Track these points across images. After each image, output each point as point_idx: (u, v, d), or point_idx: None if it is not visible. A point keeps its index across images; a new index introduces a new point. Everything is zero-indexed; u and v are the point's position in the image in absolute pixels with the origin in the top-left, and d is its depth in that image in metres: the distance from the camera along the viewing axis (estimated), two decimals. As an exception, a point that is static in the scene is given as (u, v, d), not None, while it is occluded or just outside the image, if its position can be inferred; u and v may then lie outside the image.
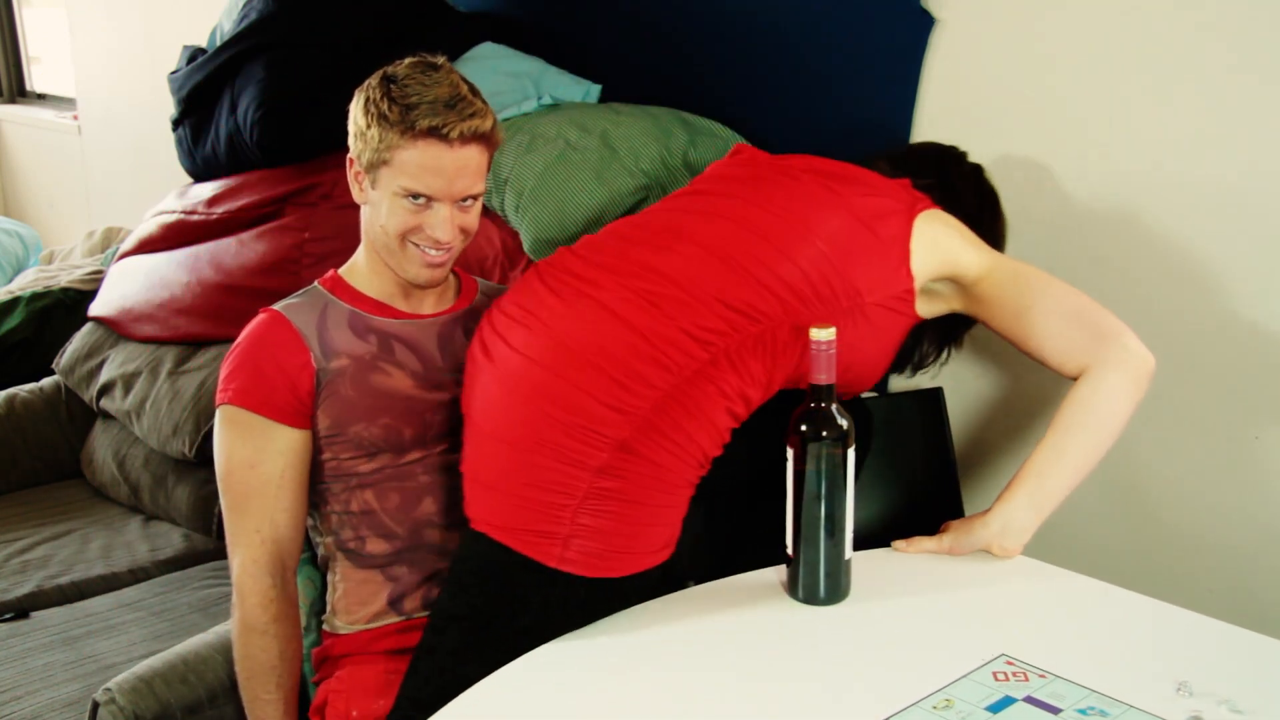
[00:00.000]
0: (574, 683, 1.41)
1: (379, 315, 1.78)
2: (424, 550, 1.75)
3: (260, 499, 1.70)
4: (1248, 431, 1.94)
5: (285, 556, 1.72)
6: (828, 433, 1.47)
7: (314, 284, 1.81)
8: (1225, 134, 1.89)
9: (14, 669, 2.18)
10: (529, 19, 2.89)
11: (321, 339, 1.73)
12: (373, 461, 1.73)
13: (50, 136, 4.91)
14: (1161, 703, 1.31)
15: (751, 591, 1.58)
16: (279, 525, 1.70)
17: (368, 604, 1.75)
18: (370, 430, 1.72)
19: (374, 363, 1.74)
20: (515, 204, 2.40)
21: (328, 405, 1.71)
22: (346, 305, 1.77)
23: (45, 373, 3.18)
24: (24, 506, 2.89)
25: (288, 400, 1.70)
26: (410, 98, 1.65)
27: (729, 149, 2.43)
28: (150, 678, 1.84)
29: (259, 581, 1.69)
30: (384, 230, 1.71)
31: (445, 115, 1.65)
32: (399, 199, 1.68)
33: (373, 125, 1.66)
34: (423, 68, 1.69)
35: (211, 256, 2.80)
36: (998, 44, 2.11)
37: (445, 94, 1.67)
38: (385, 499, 1.74)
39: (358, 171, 1.73)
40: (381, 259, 1.76)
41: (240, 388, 1.70)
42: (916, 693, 1.34)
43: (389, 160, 1.67)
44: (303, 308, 1.76)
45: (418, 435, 1.74)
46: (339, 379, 1.72)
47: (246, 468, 1.70)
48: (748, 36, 2.48)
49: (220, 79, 2.82)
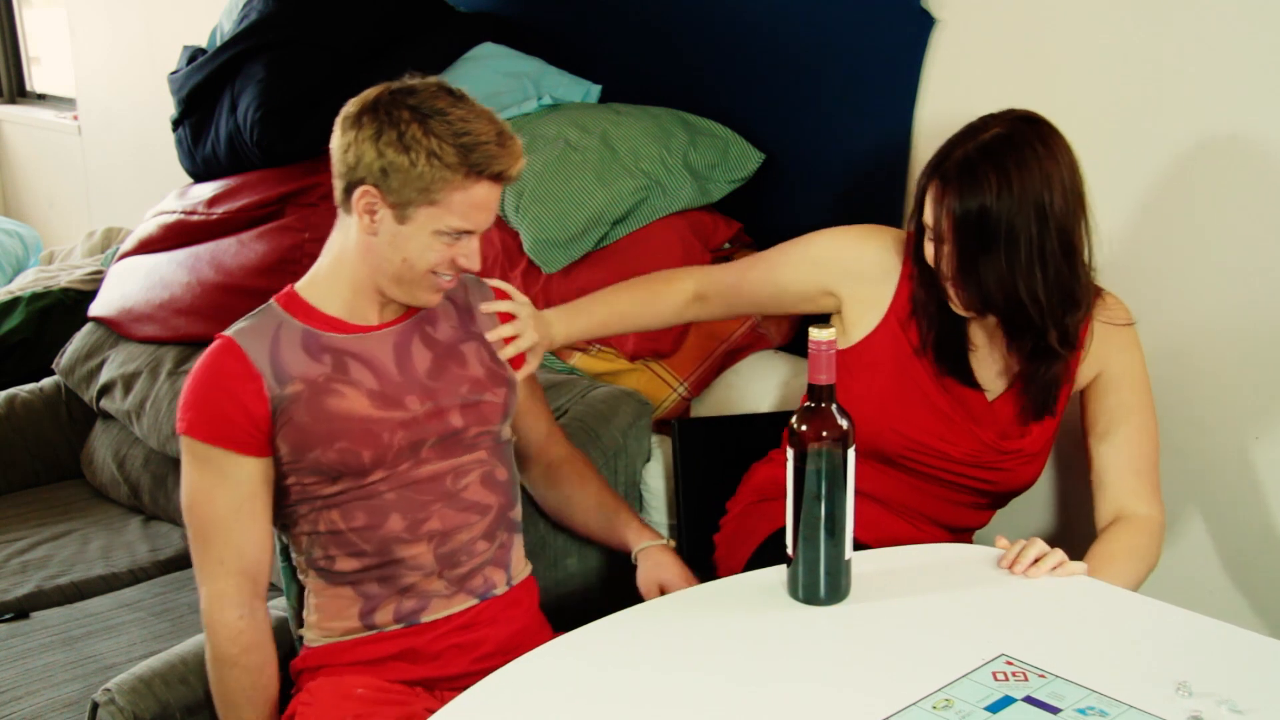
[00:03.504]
0: (574, 682, 1.41)
1: (333, 332, 1.71)
2: (393, 566, 1.72)
3: (223, 530, 1.67)
4: (1248, 431, 1.94)
5: (254, 583, 1.69)
6: (828, 433, 1.47)
7: (270, 301, 1.74)
8: (1225, 134, 1.89)
9: (14, 669, 2.18)
10: (529, 19, 2.89)
11: (275, 364, 1.67)
12: (335, 484, 1.69)
13: (50, 136, 4.91)
14: (1161, 703, 1.31)
15: (751, 591, 1.58)
16: (243, 555, 1.68)
17: (340, 619, 1.74)
18: (327, 455, 1.67)
19: (328, 385, 1.68)
20: (515, 204, 2.40)
21: (285, 432, 1.66)
22: (300, 324, 1.70)
23: (45, 373, 3.18)
24: (24, 506, 2.88)
25: (244, 430, 1.65)
26: (464, 137, 1.60)
27: (728, 149, 2.44)
28: (150, 678, 1.84)
29: (225, 614, 1.67)
30: (407, 264, 1.66)
31: (502, 156, 1.62)
32: (439, 236, 1.64)
33: (420, 163, 1.59)
34: (450, 96, 1.63)
35: (211, 256, 2.79)
36: (998, 44, 2.11)
37: (493, 130, 1.62)
38: (351, 518, 1.70)
39: (371, 204, 1.64)
40: (373, 284, 1.70)
41: (195, 419, 1.65)
42: (916, 693, 1.34)
43: (437, 200, 1.61)
44: (255, 331, 1.69)
45: (377, 457, 1.69)
46: (294, 405, 1.66)
47: (207, 499, 1.67)
48: (748, 37, 2.48)
49: (220, 79, 2.82)
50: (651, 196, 2.38)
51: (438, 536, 1.72)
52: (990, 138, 1.66)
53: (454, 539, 1.73)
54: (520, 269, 2.43)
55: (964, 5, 2.14)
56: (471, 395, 1.75)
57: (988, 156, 1.64)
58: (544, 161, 2.40)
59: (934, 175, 1.68)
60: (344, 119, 1.65)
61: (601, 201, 2.35)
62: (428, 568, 1.72)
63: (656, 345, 2.34)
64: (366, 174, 1.62)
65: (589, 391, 2.26)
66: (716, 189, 2.44)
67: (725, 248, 2.49)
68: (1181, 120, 1.92)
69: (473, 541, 1.74)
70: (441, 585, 1.73)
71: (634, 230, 2.38)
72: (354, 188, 1.64)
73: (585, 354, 2.41)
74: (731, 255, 2.48)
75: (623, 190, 2.36)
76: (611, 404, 2.22)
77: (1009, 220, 1.63)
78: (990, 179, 1.63)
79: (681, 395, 2.36)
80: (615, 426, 2.19)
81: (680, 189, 2.39)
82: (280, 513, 1.74)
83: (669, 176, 2.38)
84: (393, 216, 1.64)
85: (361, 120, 1.63)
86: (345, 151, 1.64)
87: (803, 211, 2.46)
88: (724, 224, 2.47)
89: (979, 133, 1.68)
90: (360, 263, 1.69)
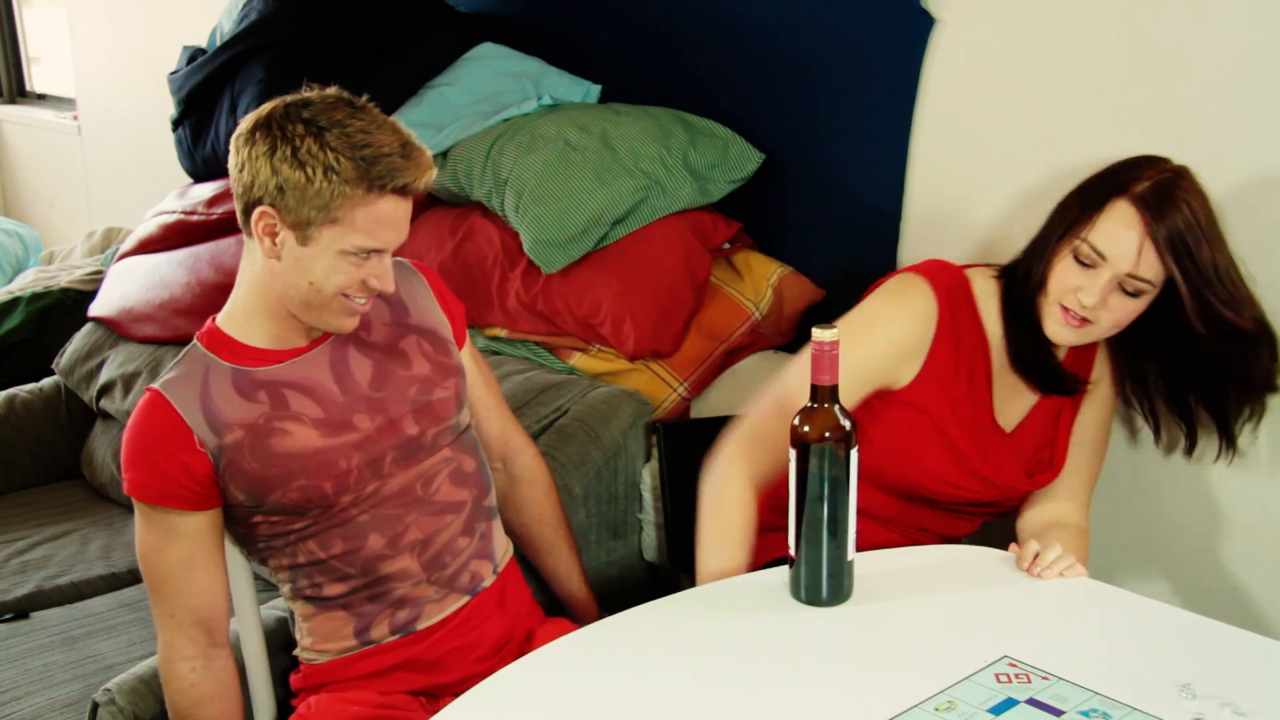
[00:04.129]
0: (574, 683, 1.41)
1: (264, 365, 1.64)
2: (381, 582, 1.69)
3: (171, 584, 1.64)
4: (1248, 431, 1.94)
5: (209, 633, 1.66)
6: (830, 433, 1.47)
7: (194, 341, 1.67)
8: (1225, 134, 1.88)
9: (14, 669, 2.18)
10: (529, 19, 2.89)
11: (208, 415, 1.60)
12: (304, 518, 1.65)
13: (50, 136, 4.91)
14: (1164, 705, 1.31)
15: (753, 592, 1.58)
16: (194, 608, 1.65)
17: (335, 639, 1.72)
18: (289, 495, 1.62)
19: (269, 425, 1.61)
20: (515, 204, 2.40)
21: (235, 482, 1.60)
22: (227, 364, 1.63)
23: (45, 373, 3.18)
24: (24, 506, 2.88)
25: (185, 488, 1.60)
26: (363, 149, 1.51)
27: (728, 149, 2.44)
28: (150, 678, 1.84)
29: (177, 668, 1.66)
30: (314, 288, 1.57)
31: (407, 168, 1.53)
32: (345, 257, 1.55)
33: (317, 179, 1.50)
34: (349, 108, 1.55)
35: (211, 256, 2.80)
36: (998, 44, 2.11)
37: (396, 141, 1.54)
38: (329, 546, 1.66)
39: (270, 225, 1.55)
40: (286, 311, 1.62)
41: (134, 479, 1.61)
42: (918, 694, 1.34)
43: (339, 218, 1.52)
44: (183, 381, 1.62)
45: (339, 485, 1.64)
46: (236, 454, 1.59)
47: (155, 553, 1.63)
48: (748, 37, 2.48)
49: (220, 79, 2.82)
50: (651, 196, 2.38)
51: (419, 545, 1.70)
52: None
53: (435, 543, 1.71)
54: (520, 269, 2.43)
55: (964, 5, 2.14)
56: (421, 396, 1.71)
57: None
58: (544, 161, 2.40)
59: (1141, 208, 1.61)
60: (238, 136, 1.58)
61: (601, 201, 2.35)
62: (415, 577, 1.70)
63: (656, 345, 2.34)
64: (263, 194, 1.54)
65: (589, 391, 2.25)
66: (716, 189, 2.44)
67: (725, 247, 2.49)
68: (1181, 119, 1.92)
69: (453, 540, 1.73)
70: (432, 590, 1.71)
71: (634, 230, 2.38)
72: (252, 209, 1.56)
73: (585, 354, 2.41)
74: (732, 255, 2.48)
75: (623, 190, 2.36)
76: (611, 404, 2.22)
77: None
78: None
79: (681, 395, 2.35)
80: (615, 426, 2.19)
81: (680, 189, 2.39)
82: (255, 549, 1.71)
83: (669, 176, 2.38)
84: (294, 238, 1.55)
85: (255, 136, 1.54)
86: (240, 171, 1.56)
87: (803, 211, 2.46)
88: (724, 224, 2.47)
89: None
90: (269, 289, 1.61)
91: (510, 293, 2.43)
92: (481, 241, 2.50)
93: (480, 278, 2.47)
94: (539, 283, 2.41)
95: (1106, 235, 1.62)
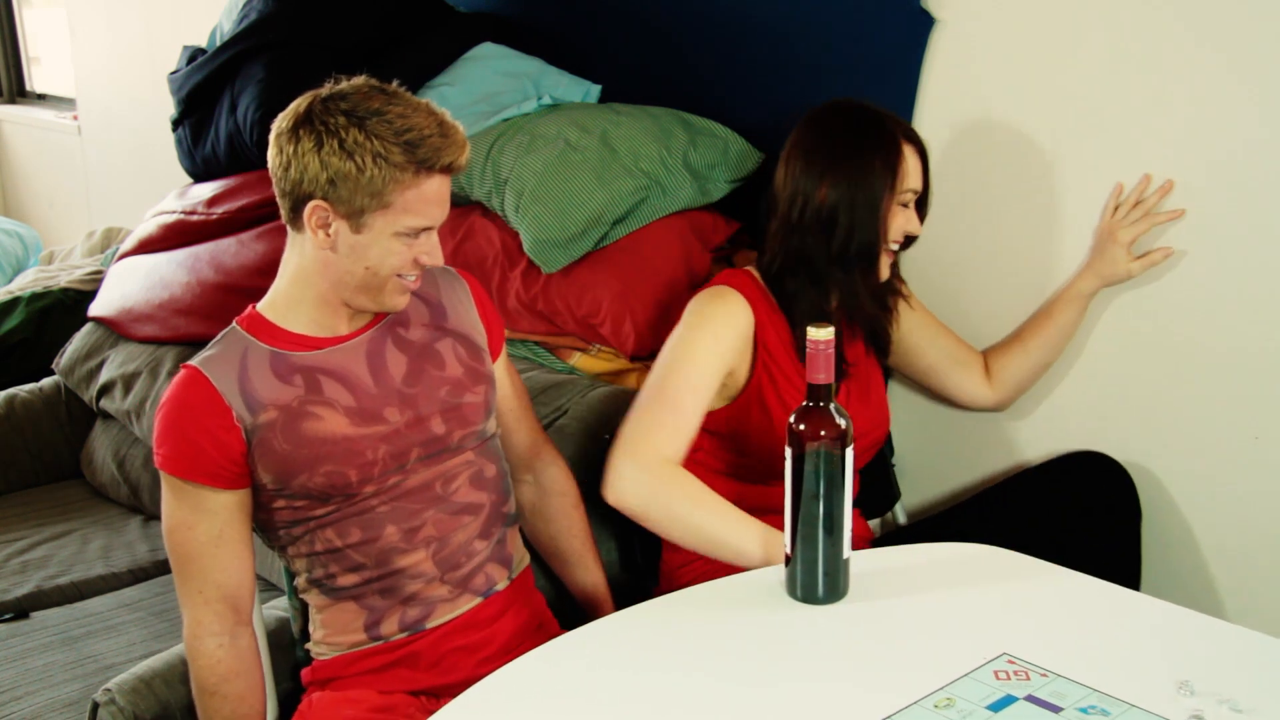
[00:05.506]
0: (572, 682, 1.41)
1: (302, 350, 1.67)
2: (394, 576, 1.70)
3: (199, 561, 1.66)
4: (1248, 431, 1.94)
5: (235, 611, 1.68)
6: (826, 432, 1.47)
7: (233, 324, 1.70)
8: (1225, 134, 1.89)
9: (14, 669, 2.18)
10: (529, 19, 2.90)
11: (244, 392, 1.63)
12: (326, 505, 1.67)
13: (50, 136, 4.92)
14: (1163, 702, 1.31)
15: (750, 591, 1.58)
16: (221, 585, 1.66)
17: (345, 633, 1.73)
18: (314, 479, 1.64)
19: (302, 408, 1.64)
20: (515, 204, 2.40)
21: (264, 462, 1.63)
22: (266, 346, 1.66)
23: (45, 373, 3.18)
24: (24, 506, 2.89)
25: (217, 464, 1.62)
26: (406, 133, 1.56)
27: (728, 149, 2.44)
28: (150, 678, 1.84)
29: (204, 644, 1.66)
30: (370, 272, 1.62)
31: (448, 147, 1.58)
32: (398, 239, 1.61)
33: (367, 167, 1.55)
34: (383, 95, 1.60)
35: (211, 256, 2.80)
36: (998, 44, 2.11)
37: (434, 122, 1.59)
38: (347, 535, 1.68)
39: (324, 218, 1.59)
40: (339, 298, 1.66)
41: (168, 454, 1.63)
42: (917, 691, 1.34)
43: (391, 203, 1.58)
44: (222, 359, 1.65)
45: (363, 474, 1.66)
46: (269, 433, 1.62)
47: (184, 529, 1.65)
48: (747, 37, 2.48)
49: (220, 79, 2.82)
50: (651, 196, 2.38)
51: (435, 542, 1.71)
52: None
53: (451, 543, 1.72)
54: (520, 269, 2.43)
55: (964, 5, 2.14)
56: (451, 398, 1.73)
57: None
58: (544, 161, 2.40)
59: (912, 142, 1.89)
60: (278, 135, 1.61)
61: (601, 201, 2.35)
62: (429, 574, 1.71)
63: (656, 345, 2.34)
64: (314, 188, 1.58)
65: (589, 391, 2.25)
66: (716, 189, 2.44)
67: (725, 247, 2.49)
68: (1181, 119, 1.92)
69: (469, 542, 1.74)
70: (445, 590, 1.72)
71: (634, 230, 2.38)
72: (302, 204, 1.60)
73: (585, 354, 2.41)
74: (732, 255, 2.48)
75: (623, 190, 2.36)
76: (611, 404, 2.22)
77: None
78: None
79: (681, 395, 2.35)
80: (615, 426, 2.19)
81: (680, 189, 2.39)
82: (274, 536, 1.72)
83: (669, 176, 2.38)
84: (348, 227, 1.60)
85: (298, 133, 1.58)
86: (287, 169, 1.59)
87: (803, 211, 2.46)
88: (724, 224, 2.47)
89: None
90: (321, 278, 1.65)
91: (510, 292, 2.43)
92: (481, 241, 2.50)
93: (480, 278, 2.47)
94: (539, 283, 2.41)
95: (911, 173, 1.88)
